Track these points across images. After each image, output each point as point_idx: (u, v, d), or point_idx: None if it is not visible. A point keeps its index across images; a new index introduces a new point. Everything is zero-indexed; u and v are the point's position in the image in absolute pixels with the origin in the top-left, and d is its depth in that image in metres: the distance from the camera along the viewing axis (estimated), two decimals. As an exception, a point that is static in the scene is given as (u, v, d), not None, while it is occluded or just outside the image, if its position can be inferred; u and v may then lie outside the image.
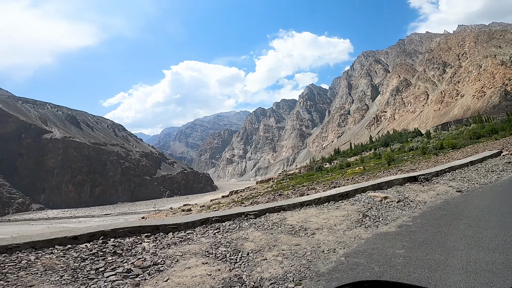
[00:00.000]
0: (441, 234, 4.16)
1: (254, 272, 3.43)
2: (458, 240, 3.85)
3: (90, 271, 3.35)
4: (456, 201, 6.33)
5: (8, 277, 3.09)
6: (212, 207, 26.79)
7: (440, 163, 17.23)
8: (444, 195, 6.99)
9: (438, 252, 3.45)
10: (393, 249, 3.75)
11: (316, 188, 20.39)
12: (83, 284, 3.04)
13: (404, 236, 4.24)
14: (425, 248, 3.67)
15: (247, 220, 6.04)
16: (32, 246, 3.91)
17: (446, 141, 37.75)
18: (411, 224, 4.91)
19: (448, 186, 7.95)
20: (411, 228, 4.64)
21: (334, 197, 7.45)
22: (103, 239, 4.41)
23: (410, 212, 5.75)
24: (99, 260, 3.65)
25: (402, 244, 3.91)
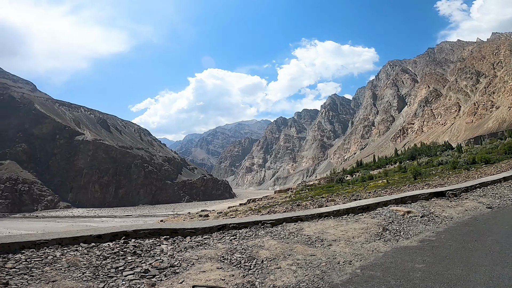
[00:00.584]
0: (465, 250, 3.99)
1: (267, 280, 3.46)
2: (483, 256, 3.69)
3: (111, 269, 3.50)
4: (485, 217, 6.01)
5: (33, 272, 3.25)
6: (229, 214, 26.92)
7: (471, 178, 16.24)
8: (473, 211, 6.64)
9: (460, 267, 3.33)
10: (412, 263, 3.63)
11: (336, 200, 19.91)
12: (103, 282, 3.18)
13: (426, 251, 4.10)
14: (446, 263, 3.53)
15: (264, 228, 6.08)
16: (59, 242, 4.12)
17: (478, 155, 35.40)
18: (434, 239, 4.73)
19: (477, 202, 7.53)
20: (434, 243, 4.48)
21: (353, 209, 7.31)
22: (124, 239, 4.60)
23: (434, 227, 5.53)
24: (119, 259, 3.81)
25: (423, 258, 3.78)
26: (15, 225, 63.06)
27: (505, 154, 35.50)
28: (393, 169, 60.62)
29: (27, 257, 3.59)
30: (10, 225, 62.78)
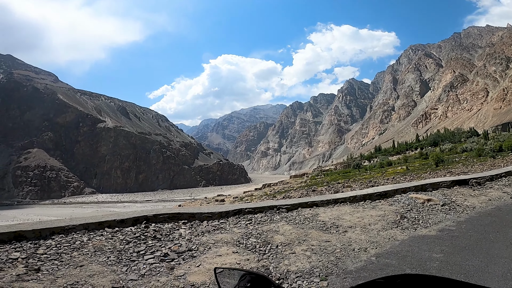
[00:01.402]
0: (486, 241, 3.87)
1: (281, 265, 3.51)
2: (503, 247, 3.56)
3: (133, 253, 3.66)
4: (510, 208, 5.74)
5: (63, 257, 3.43)
6: (245, 199, 27.40)
7: (497, 167, 15.49)
8: (497, 201, 6.36)
9: (479, 259, 3.24)
10: (430, 253, 3.58)
11: (352, 186, 19.70)
12: (126, 266, 3.33)
13: (445, 241, 4.00)
14: (465, 253, 3.45)
15: (279, 213, 6.11)
16: (86, 227, 4.34)
17: (506, 143, 33.43)
18: (454, 229, 4.59)
19: (502, 192, 7.19)
20: (454, 233, 4.35)
21: (371, 196, 7.17)
22: (145, 224, 4.80)
23: (455, 217, 5.35)
24: (141, 244, 3.97)
25: (441, 248, 3.70)
26: (45, 211, 67.23)
27: (536, 142, 33.28)
28: (414, 155, 58.71)
29: (57, 243, 3.79)
30: (40, 211, 67.06)
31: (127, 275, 3.11)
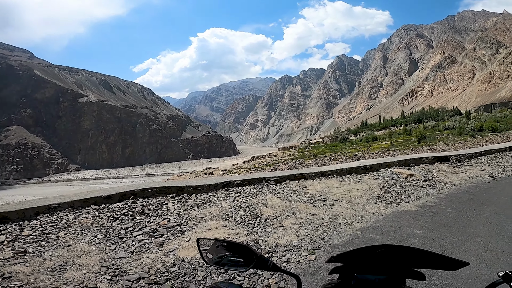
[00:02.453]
0: (463, 219, 4.04)
1: (270, 238, 3.56)
2: (480, 226, 3.73)
3: (121, 230, 3.59)
4: (487, 186, 6.00)
5: (49, 238, 3.32)
6: (233, 172, 27.66)
7: (476, 146, 16.11)
8: (475, 179, 6.64)
9: (457, 236, 3.39)
10: (411, 229, 3.72)
11: (338, 160, 20.13)
12: (114, 243, 3.27)
13: (425, 217, 4.17)
14: (444, 230, 3.60)
15: (268, 185, 6.12)
16: (71, 205, 4.19)
17: (487, 123, 34.64)
18: (434, 205, 4.78)
19: (480, 170, 7.50)
20: (434, 209, 4.53)
21: (356, 169, 7.29)
22: (133, 199, 4.69)
23: (436, 193, 5.57)
24: (128, 220, 3.90)
25: (422, 224, 3.86)
26: (30, 191, 65.49)
27: (515, 123, 34.70)
28: (398, 131, 60.18)
29: (42, 223, 3.66)
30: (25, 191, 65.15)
31: (116, 253, 3.07)
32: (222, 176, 8.31)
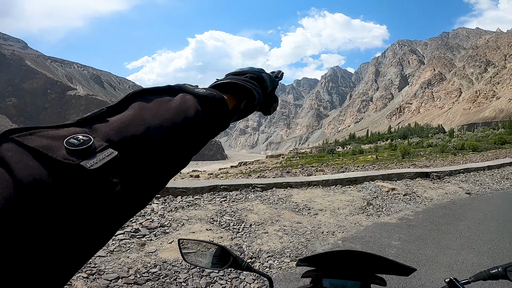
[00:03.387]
0: (438, 232, 4.22)
1: (254, 244, 3.61)
2: (453, 239, 3.90)
3: None
4: (463, 202, 6.28)
5: None
6: (220, 176, 27.56)
7: (456, 164, 16.78)
8: (452, 195, 6.93)
9: (431, 248, 3.54)
10: (389, 240, 3.86)
11: (325, 171, 20.46)
12: None
13: (403, 229, 4.34)
14: (419, 242, 3.76)
15: (254, 192, 6.20)
16: None
17: (468, 142, 36.17)
18: (412, 218, 4.97)
19: (458, 187, 7.84)
20: (411, 222, 4.71)
21: (342, 181, 7.47)
22: None
23: (414, 207, 5.79)
24: None
25: (399, 236, 4.01)
26: None
27: (494, 144, 36.43)
28: (384, 146, 61.92)
29: None
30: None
31: (93, 252, 3.06)
32: (209, 180, 8.32)
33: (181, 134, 0.33)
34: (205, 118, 0.37)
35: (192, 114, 0.35)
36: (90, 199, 0.24)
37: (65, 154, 0.24)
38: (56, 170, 0.23)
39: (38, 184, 0.21)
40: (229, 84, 0.46)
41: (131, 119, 0.30)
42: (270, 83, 0.55)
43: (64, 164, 0.23)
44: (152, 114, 0.32)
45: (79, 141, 0.25)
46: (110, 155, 0.25)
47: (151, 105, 0.33)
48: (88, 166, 0.24)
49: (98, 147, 0.25)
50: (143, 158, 0.29)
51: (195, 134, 0.35)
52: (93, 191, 0.24)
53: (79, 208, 0.24)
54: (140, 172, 0.29)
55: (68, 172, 0.23)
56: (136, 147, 0.29)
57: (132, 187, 0.28)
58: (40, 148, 0.23)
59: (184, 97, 0.36)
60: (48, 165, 0.23)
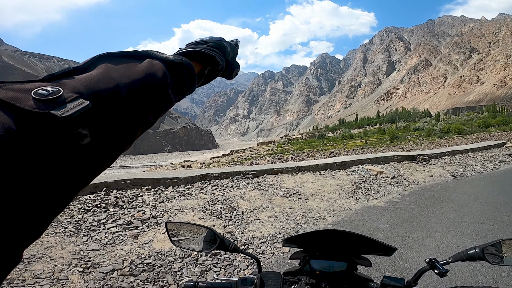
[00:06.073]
0: (424, 214, 4.33)
1: (246, 231, 3.65)
2: (438, 222, 4.00)
3: (93, 222, 3.47)
4: (448, 184, 6.46)
5: None
6: (212, 165, 27.50)
7: (442, 147, 17.24)
8: (438, 178, 7.13)
9: (418, 231, 3.64)
10: (378, 223, 3.96)
11: (316, 156, 20.70)
12: (85, 236, 3.17)
13: (391, 212, 4.45)
14: (407, 225, 3.85)
15: (245, 179, 6.21)
16: None
17: (454, 125, 37.19)
18: (399, 201, 5.10)
19: (443, 169, 8.07)
20: (399, 205, 4.83)
21: (331, 165, 7.56)
22: (105, 191, 4.51)
23: (401, 190, 5.92)
24: (101, 212, 3.77)
25: (387, 219, 4.11)
26: None
27: (479, 128, 37.66)
28: (373, 130, 62.89)
29: None
30: None
31: (88, 246, 2.99)
32: (200, 169, 8.27)
33: (149, 94, 0.35)
34: (172, 81, 0.39)
35: (160, 76, 0.36)
36: (59, 149, 0.24)
37: (33, 104, 0.24)
38: (24, 120, 0.23)
39: (7, 134, 0.21)
40: (193, 53, 0.48)
41: (100, 77, 0.30)
42: (231, 50, 0.57)
43: (33, 113, 0.23)
44: (120, 74, 0.32)
45: (48, 91, 0.25)
46: (81, 105, 0.25)
47: (119, 66, 0.33)
48: (59, 114, 0.23)
49: (68, 98, 0.25)
50: (113, 113, 0.29)
51: (162, 95, 0.37)
52: (62, 141, 0.24)
53: (48, 159, 0.23)
54: (109, 127, 0.29)
55: (37, 121, 0.23)
56: (105, 101, 0.29)
57: (101, 141, 0.28)
58: (6, 99, 0.23)
59: (151, 61, 0.37)
60: (16, 115, 0.23)
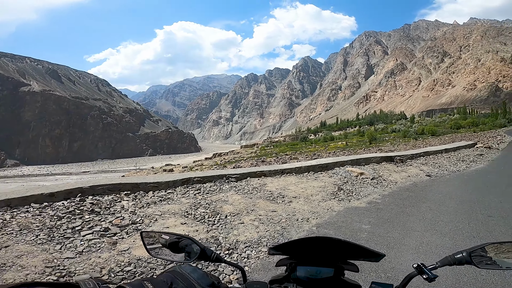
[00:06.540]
0: (403, 214, 4.45)
1: (230, 235, 3.56)
2: (417, 221, 4.12)
3: (67, 229, 3.29)
4: (424, 184, 6.71)
5: None
6: (194, 169, 27.07)
7: (417, 147, 17.97)
8: (414, 178, 7.39)
9: (398, 231, 3.71)
10: (360, 224, 4.02)
11: (298, 158, 20.91)
12: (59, 244, 3.01)
13: (372, 213, 4.54)
14: (387, 225, 3.93)
15: (228, 182, 6.12)
16: (8, 204, 3.75)
17: (427, 127, 39.04)
18: (380, 201, 5.22)
19: (419, 170, 8.40)
20: (379, 206, 4.94)
21: (314, 167, 7.64)
22: (80, 197, 4.30)
23: (381, 190, 6.07)
24: (76, 219, 3.59)
25: (369, 220, 4.19)
26: None
27: (451, 129, 39.80)
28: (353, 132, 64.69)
29: None
30: None
31: (61, 254, 2.83)
32: (182, 173, 8.09)
33: None
34: None
35: None
36: None
37: None
38: None
39: None
40: None
41: None
42: None
43: None
44: None
45: None
46: None
47: None
48: None
49: None
50: None
51: None
52: None
53: None
54: None
55: None
56: None
57: None
58: None
59: None
60: None
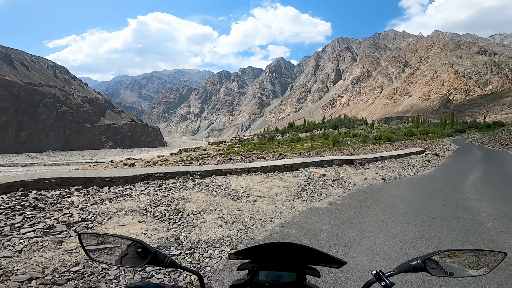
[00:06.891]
0: (360, 215, 4.69)
1: (192, 234, 3.45)
2: (372, 222, 4.35)
3: (4, 227, 3.01)
4: (379, 187, 7.16)
5: None
6: (158, 164, 26.03)
7: (375, 152, 19.24)
8: (371, 180, 7.88)
9: (355, 232, 3.89)
10: (321, 224, 4.15)
11: (265, 157, 21.18)
12: None
13: (332, 213, 4.73)
14: (346, 226, 4.10)
15: (193, 180, 5.99)
16: None
17: (384, 133, 42.04)
18: (339, 202, 5.46)
19: (375, 173, 8.97)
20: (339, 207, 5.16)
21: (279, 167, 7.80)
22: (22, 191, 3.95)
23: (341, 192, 6.36)
24: (16, 215, 3.29)
25: (329, 220, 4.34)
26: None
27: (404, 136, 43.37)
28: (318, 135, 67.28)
29: None
30: None
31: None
32: (144, 168, 7.72)
33: None
34: None
35: None
36: None
37: None
38: None
39: None
40: None
41: None
42: None
43: None
44: None
45: None
46: None
47: None
48: None
49: None
50: None
51: None
52: None
53: None
54: None
55: None
56: None
57: None
58: None
59: None
60: None
